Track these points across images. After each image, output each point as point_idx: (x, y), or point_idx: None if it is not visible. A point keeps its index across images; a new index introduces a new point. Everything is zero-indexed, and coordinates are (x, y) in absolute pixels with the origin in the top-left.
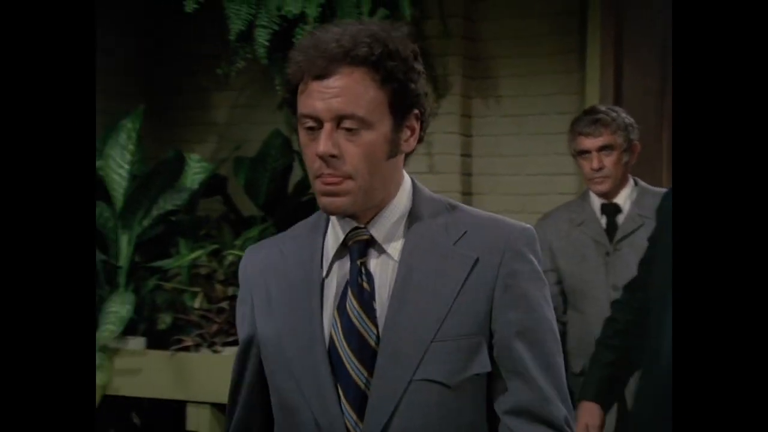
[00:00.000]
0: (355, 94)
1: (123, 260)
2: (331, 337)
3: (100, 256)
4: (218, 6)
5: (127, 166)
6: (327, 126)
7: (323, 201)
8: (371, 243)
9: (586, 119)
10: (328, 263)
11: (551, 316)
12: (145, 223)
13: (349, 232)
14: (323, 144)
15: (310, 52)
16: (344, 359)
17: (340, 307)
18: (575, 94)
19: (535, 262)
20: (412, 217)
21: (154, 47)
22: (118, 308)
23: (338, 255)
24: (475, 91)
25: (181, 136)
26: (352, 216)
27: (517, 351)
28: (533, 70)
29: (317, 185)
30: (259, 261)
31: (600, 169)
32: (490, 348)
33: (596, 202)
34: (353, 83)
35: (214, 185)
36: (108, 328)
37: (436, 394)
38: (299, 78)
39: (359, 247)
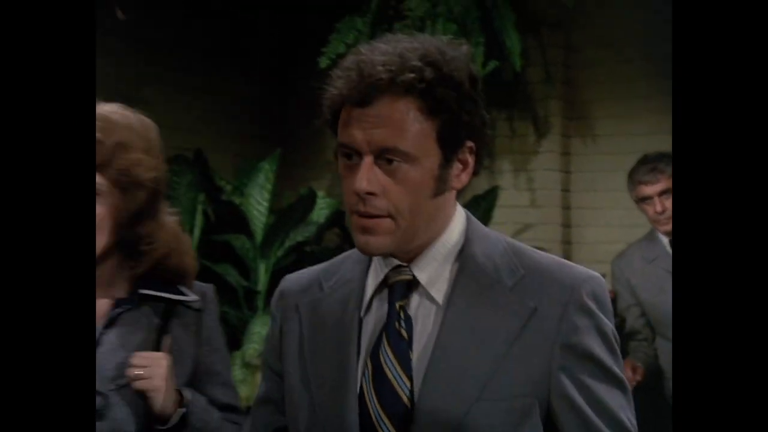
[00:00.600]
0: (400, 125)
1: (261, 286)
2: (361, 389)
3: (241, 281)
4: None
5: (265, 204)
6: (366, 160)
7: (359, 240)
8: (414, 284)
9: (644, 168)
10: (367, 301)
11: (619, 374)
12: (280, 253)
13: (390, 270)
14: (359, 180)
15: (352, 75)
16: (373, 414)
17: (374, 354)
18: (669, 134)
19: (602, 317)
20: (463, 256)
21: (282, 96)
22: (259, 329)
23: (378, 293)
24: (574, 130)
25: (300, 174)
26: (393, 254)
27: (582, 419)
28: (629, 111)
29: (354, 221)
30: (296, 293)
31: (663, 212)
32: (545, 413)
33: (664, 239)
34: (398, 113)
35: (333, 218)
36: (252, 347)
37: None
38: (340, 104)
39: (400, 288)
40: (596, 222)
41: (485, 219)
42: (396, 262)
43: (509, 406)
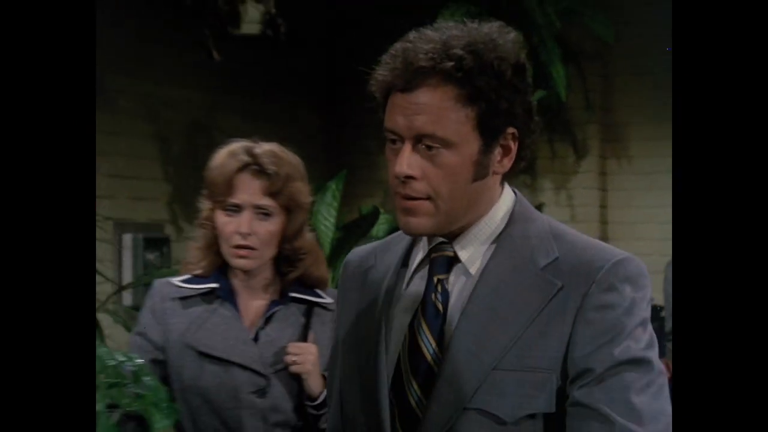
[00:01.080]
0: (439, 112)
1: None
2: (398, 358)
3: None
4: None
5: (332, 220)
6: (407, 144)
7: (401, 220)
8: (455, 261)
9: None
10: (410, 274)
11: (642, 351)
12: None
13: (434, 245)
14: (399, 164)
15: (397, 62)
16: (405, 383)
17: (411, 325)
18: None
19: (630, 297)
20: (503, 237)
21: (340, 124)
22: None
23: (420, 267)
24: (610, 152)
25: (355, 192)
26: (436, 234)
27: (594, 392)
28: (661, 134)
29: (396, 202)
30: (356, 264)
31: None
32: (562, 387)
33: None
34: (437, 100)
35: (391, 233)
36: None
37: (488, 428)
38: (388, 89)
39: (442, 262)
40: (631, 236)
41: None
42: (440, 239)
43: (523, 378)
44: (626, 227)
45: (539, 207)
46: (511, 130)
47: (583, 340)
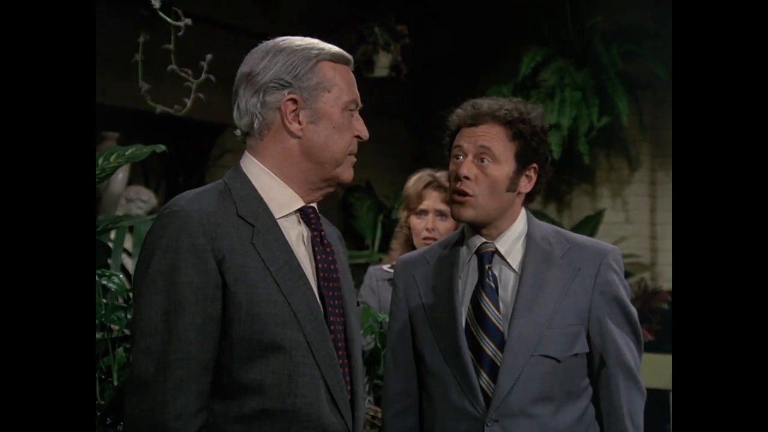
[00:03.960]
0: (493, 138)
1: None
2: (466, 323)
3: None
4: None
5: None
6: (468, 158)
7: (452, 208)
8: (496, 254)
9: None
10: (463, 267)
11: (632, 310)
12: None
13: (481, 245)
14: (462, 168)
15: (468, 109)
16: (479, 339)
17: (474, 301)
18: None
19: (621, 273)
20: (528, 237)
21: (426, 141)
22: None
23: (469, 262)
24: (659, 165)
25: None
26: (481, 232)
27: (608, 335)
28: None
29: (452, 197)
30: (410, 266)
31: None
32: (588, 334)
33: None
34: (493, 132)
35: None
36: None
37: (549, 365)
38: (459, 126)
39: (488, 255)
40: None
41: (593, 233)
42: (483, 239)
43: (565, 331)
44: (670, 227)
45: (602, 211)
46: (534, 165)
47: (601, 304)
